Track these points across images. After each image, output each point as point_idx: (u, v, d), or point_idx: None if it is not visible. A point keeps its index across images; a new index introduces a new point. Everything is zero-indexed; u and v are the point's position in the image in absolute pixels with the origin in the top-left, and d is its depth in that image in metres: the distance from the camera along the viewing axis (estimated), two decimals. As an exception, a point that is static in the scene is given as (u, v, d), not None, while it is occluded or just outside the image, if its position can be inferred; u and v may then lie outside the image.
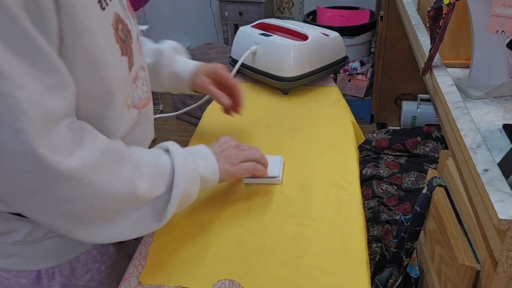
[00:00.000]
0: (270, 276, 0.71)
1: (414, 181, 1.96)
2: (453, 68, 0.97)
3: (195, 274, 0.72)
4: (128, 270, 0.73)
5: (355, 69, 2.78)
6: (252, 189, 0.89)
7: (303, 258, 0.74)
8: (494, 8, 0.74)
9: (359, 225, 0.80)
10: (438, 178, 0.89)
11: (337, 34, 1.36)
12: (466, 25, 0.91)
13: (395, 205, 1.86)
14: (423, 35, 1.13)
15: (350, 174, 0.93)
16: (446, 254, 0.77)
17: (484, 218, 0.60)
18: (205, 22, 3.49)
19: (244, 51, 1.29)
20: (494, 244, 0.59)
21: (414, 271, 0.94)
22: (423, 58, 0.99)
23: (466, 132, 0.71)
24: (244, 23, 1.50)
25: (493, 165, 0.63)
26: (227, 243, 0.77)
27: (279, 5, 3.35)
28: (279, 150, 1.01)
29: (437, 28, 0.83)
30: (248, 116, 1.12)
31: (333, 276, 0.70)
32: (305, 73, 1.26)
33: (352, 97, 2.72)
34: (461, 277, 0.70)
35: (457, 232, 0.76)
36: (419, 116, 2.34)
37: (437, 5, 0.81)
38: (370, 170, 2.06)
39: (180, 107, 2.78)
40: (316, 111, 1.19)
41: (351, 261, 0.73)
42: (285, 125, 1.12)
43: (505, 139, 0.72)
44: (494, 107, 0.82)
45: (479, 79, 0.88)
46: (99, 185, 0.57)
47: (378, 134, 2.27)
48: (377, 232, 1.76)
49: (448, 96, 0.83)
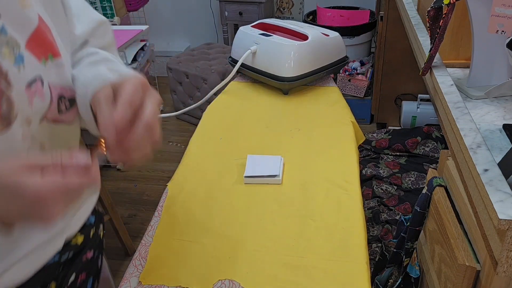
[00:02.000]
0: (270, 276, 0.71)
1: (414, 181, 1.96)
2: (453, 68, 0.97)
3: (195, 274, 0.72)
4: (128, 270, 0.73)
5: (355, 69, 2.78)
6: (252, 189, 0.89)
7: (303, 258, 0.74)
8: (494, 8, 0.74)
9: (359, 225, 0.80)
10: (438, 178, 0.89)
11: (337, 34, 1.36)
12: (466, 25, 0.91)
13: (395, 205, 1.86)
14: (423, 35, 1.13)
15: (350, 174, 0.93)
16: (446, 254, 0.77)
17: (484, 218, 0.60)
18: (205, 22, 3.49)
19: (244, 51, 1.29)
20: (494, 244, 0.59)
21: (414, 271, 0.94)
22: (423, 58, 0.99)
23: (466, 132, 0.71)
24: (244, 23, 1.50)
25: (493, 165, 0.63)
26: (227, 243, 0.77)
27: (279, 5, 3.34)
28: (279, 150, 1.01)
29: (437, 28, 0.83)
30: (248, 116, 1.12)
31: (333, 276, 0.70)
32: (305, 73, 1.26)
33: (352, 97, 2.72)
34: (461, 277, 0.70)
35: (457, 232, 0.76)
36: (419, 116, 2.34)
37: (437, 5, 0.81)
38: (370, 170, 2.06)
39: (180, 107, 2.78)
40: (316, 111, 1.19)
41: (351, 261, 0.73)
42: (285, 125, 1.12)
43: (505, 139, 0.72)
44: (494, 107, 0.82)
45: (479, 79, 0.88)
46: None
47: (378, 134, 2.27)
48: (377, 232, 1.75)
49: (448, 96, 0.82)
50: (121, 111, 0.53)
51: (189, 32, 3.56)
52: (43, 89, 0.56)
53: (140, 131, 0.53)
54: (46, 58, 0.57)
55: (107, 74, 0.60)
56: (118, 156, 0.53)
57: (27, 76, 0.54)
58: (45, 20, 0.58)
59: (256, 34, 1.31)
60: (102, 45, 0.72)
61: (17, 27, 0.53)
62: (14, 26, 0.53)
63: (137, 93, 0.54)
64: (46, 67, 0.57)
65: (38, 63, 0.56)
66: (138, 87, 0.55)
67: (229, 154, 1.01)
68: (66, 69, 0.61)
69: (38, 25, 0.56)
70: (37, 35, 0.56)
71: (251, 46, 1.29)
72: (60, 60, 0.59)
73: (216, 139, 1.07)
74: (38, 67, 0.55)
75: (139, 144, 0.53)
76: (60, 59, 0.59)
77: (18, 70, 0.53)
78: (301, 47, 1.24)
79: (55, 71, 0.58)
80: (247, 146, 1.04)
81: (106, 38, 0.75)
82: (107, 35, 0.76)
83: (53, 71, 0.58)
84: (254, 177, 0.90)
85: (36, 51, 0.55)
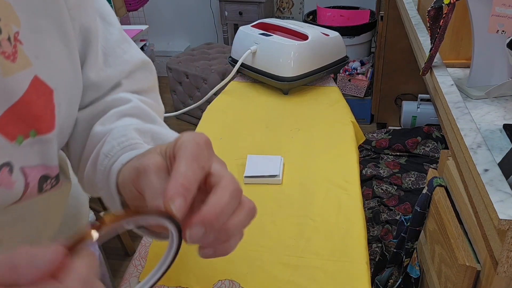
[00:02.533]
0: (270, 276, 0.71)
1: (414, 181, 1.96)
2: (453, 68, 0.97)
3: (195, 274, 0.72)
4: (128, 270, 0.73)
5: (355, 69, 2.78)
6: (252, 189, 0.89)
7: (303, 258, 0.73)
8: (494, 8, 0.74)
9: (359, 225, 0.80)
10: (439, 178, 0.89)
11: (337, 34, 1.35)
12: (466, 25, 0.91)
13: (395, 205, 1.86)
14: (424, 35, 1.13)
15: (350, 174, 0.92)
16: (446, 254, 0.77)
17: (484, 218, 0.60)
18: (205, 22, 3.49)
19: (244, 51, 1.29)
20: (494, 244, 0.59)
21: (414, 271, 0.93)
22: (424, 58, 0.99)
23: (467, 132, 0.71)
24: (244, 23, 1.50)
25: (494, 165, 0.63)
26: (227, 243, 0.77)
27: (279, 5, 3.34)
28: (279, 150, 1.00)
29: (437, 28, 0.83)
30: (248, 116, 1.12)
31: (333, 276, 0.70)
32: (305, 73, 1.25)
33: (352, 97, 2.72)
34: (461, 277, 0.70)
35: (457, 232, 0.76)
36: (419, 116, 2.33)
37: (438, 5, 0.81)
38: (370, 170, 2.06)
39: (180, 107, 2.78)
40: (316, 111, 1.18)
41: (351, 261, 0.72)
42: (285, 125, 1.12)
43: (505, 139, 0.72)
44: (495, 107, 0.82)
45: (480, 79, 0.88)
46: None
47: (378, 134, 2.27)
48: (377, 232, 1.75)
49: (448, 96, 0.82)
50: (187, 169, 0.37)
51: (189, 32, 3.56)
52: (11, 177, 0.45)
53: (244, 213, 0.41)
54: (26, 136, 0.46)
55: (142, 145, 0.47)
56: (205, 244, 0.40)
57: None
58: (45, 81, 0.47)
59: (256, 34, 1.31)
60: (139, 89, 0.59)
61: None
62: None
63: (202, 153, 0.39)
64: (21, 147, 0.45)
65: (9, 144, 0.44)
66: (202, 147, 0.40)
67: (229, 154, 1.01)
68: (54, 144, 0.49)
69: (23, 96, 0.45)
70: (17, 108, 0.44)
71: (251, 46, 1.29)
72: (48, 136, 0.48)
73: (216, 139, 1.07)
74: (7, 150, 0.44)
75: (239, 226, 0.40)
76: (47, 135, 0.48)
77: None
78: (301, 47, 1.24)
79: (36, 149, 0.47)
80: (247, 146, 1.04)
81: (146, 83, 0.62)
82: (147, 79, 0.63)
83: (32, 151, 0.47)
84: (254, 177, 0.90)
85: (9, 130, 0.44)
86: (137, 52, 0.62)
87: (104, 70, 0.56)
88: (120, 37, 0.60)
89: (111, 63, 0.57)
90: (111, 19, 0.60)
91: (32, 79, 0.45)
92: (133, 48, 0.61)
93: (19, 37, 0.44)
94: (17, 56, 0.44)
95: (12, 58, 0.43)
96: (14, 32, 0.44)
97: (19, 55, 0.44)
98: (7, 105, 0.43)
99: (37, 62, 0.46)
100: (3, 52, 0.42)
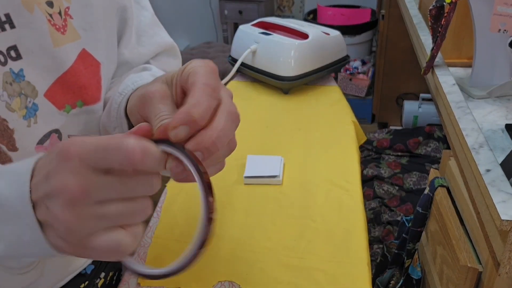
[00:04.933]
0: (270, 277, 0.70)
1: (416, 181, 1.95)
2: (455, 67, 0.96)
3: (195, 275, 0.71)
4: (127, 271, 0.73)
5: (356, 68, 2.77)
6: (252, 189, 0.89)
7: (304, 259, 0.73)
8: (496, 7, 0.73)
9: (360, 226, 0.79)
10: (440, 179, 0.88)
11: (338, 33, 1.35)
12: (468, 24, 0.90)
13: (396, 205, 1.85)
14: (425, 34, 1.12)
15: (351, 175, 0.92)
16: (448, 255, 0.77)
17: (486, 219, 0.59)
18: (205, 21, 3.48)
19: (244, 50, 1.29)
20: (496, 245, 0.58)
21: (416, 273, 0.93)
22: (425, 57, 0.98)
23: (468, 132, 0.71)
24: (244, 22, 1.49)
25: (496, 166, 0.62)
26: (227, 244, 0.77)
27: (279, 4, 3.34)
28: (279, 150, 1.00)
29: (439, 27, 0.82)
30: (248, 116, 1.11)
31: (334, 277, 0.69)
32: (306, 72, 1.25)
33: (353, 97, 2.71)
34: (463, 278, 0.69)
35: (459, 233, 0.75)
36: (420, 116, 2.33)
37: (439, 3, 0.80)
38: (371, 171, 2.05)
39: (180, 107, 2.77)
40: (317, 111, 1.18)
41: (352, 262, 0.72)
42: (285, 125, 1.11)
43: (508, 139, 0.71)
44: (497, 107, 0.81)
45: (481, 78, 0.87)
46: None
47: (379, 134, 2.27)
48: (379, 233, 1.75)
49: (450, 96, 0.82)
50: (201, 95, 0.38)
51: (189, 31, 3.55)
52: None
53: (223, 120, 0.41)
54: (73, 106, 0.48)
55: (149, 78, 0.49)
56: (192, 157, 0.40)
57: (39, 131, 0.46)
58: (93, 54, 0.49)
59: (256, 33, 1.31)
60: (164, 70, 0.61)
61: (41, 69, 0.46)
62: (37, 69, 0.45)
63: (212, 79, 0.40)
64: (69, 116, 0.48)
65: (58, 112, 0.47)
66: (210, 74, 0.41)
67: (229, 154, 1.01)
68: (99, 115, 0.52)
69: (71, 66, 0.47)
70: (66, 78, 0.47)
71: (251, 45, 1.28)
72: (94, 107, 0.50)
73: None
74: (56, 118, 0.47)
75: (222, 140, 0.41)
76: (93, 106, 0.50)
77: (28, 125, 0.45)
78: (302, 46, 1.23)
79: (83, 119, 0.50)
80: (247, 146, 1.03)
81: (171, 65, 0.65)
82: (170, 63, 0.65)
83: (79, 120, 0.49)
84: (254, 178, 0.90)
85: (58, 99, 0.47)
86: (166, 35, 0.66)
87: (137, 49, 0.60)
88: (152, 20, 0.64)
89: (143, 42, 0.61)
90: (145, 3, 0.65)
91: (80, 52, 0.49)
92: (163, 31, 0.66)
93: (69, 12, 0.48)
94: (67, 29, 0.48)
95: (62, 30, 0.47)
96: (65, 7, 0.47)
97: (68, 28, 0.48)
98: (57, 75, 0.47)
99: (85, 35, 0.49)
100: (54, 24, 0.46)
